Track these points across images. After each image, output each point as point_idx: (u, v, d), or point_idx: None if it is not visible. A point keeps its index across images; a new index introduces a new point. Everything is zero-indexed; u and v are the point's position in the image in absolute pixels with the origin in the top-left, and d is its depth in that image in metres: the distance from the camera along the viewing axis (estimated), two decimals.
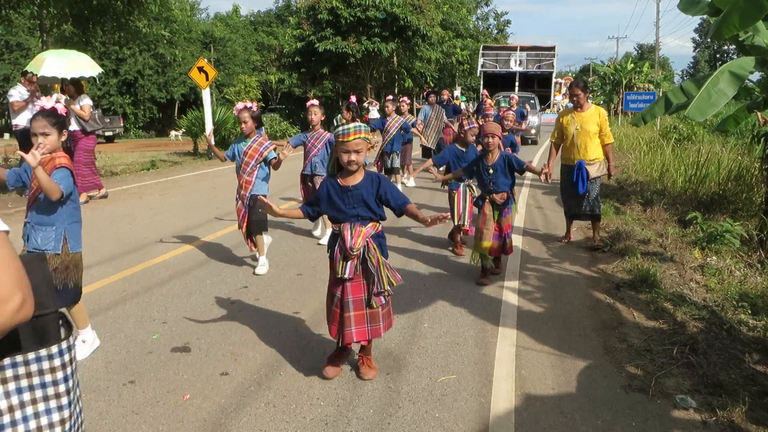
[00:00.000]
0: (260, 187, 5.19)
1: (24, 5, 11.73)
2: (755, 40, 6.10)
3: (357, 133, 3.01)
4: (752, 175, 8.64)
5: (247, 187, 5.14)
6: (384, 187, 3.12)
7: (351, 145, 3.02)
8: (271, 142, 5.21)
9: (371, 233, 3.14)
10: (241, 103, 5.15)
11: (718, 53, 72.12)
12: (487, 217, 5.02)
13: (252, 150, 5.10)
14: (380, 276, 3.11)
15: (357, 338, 3.14)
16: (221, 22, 43.58)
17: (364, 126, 3.04)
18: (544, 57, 24.63)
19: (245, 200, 5.17)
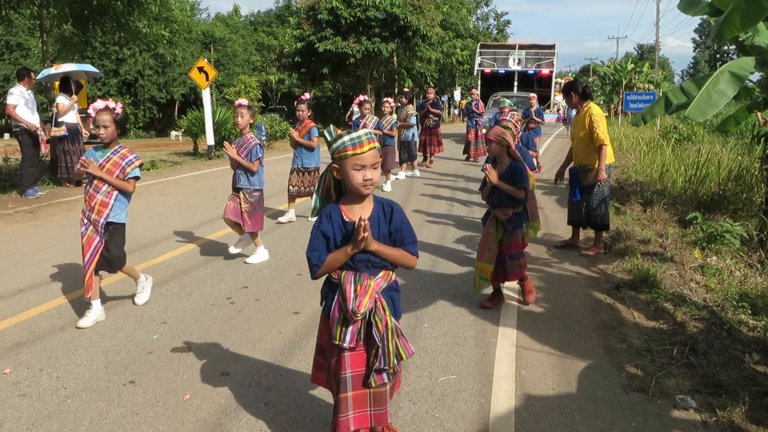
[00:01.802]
0: (118, 212, 4.10)
1: (24, 5, 11.72)
2: (755, 41, 6.10)
3: (371, 142, 2.25)
4: (752, 175, 8.64)
5: (101, 210, 4.01)
6: (398, 220, 2.33)
7: (367, 158, 2.21)
8: (137, 155, 4.15)
9: (382, 287, 2.34)
10: (101, 101, 4.02)
11: (718, 53, 72.16)
12: (489, 236, 4.41)
13: (111, 163, 4.02)
14: (386, 348, 2.32)
15: (355, 426, 2.38)
16: (221, 22, 43.58)
17: (373, 133, 2.33)
18: (544, 56, 24.44)
19: (99, 227, 4.04)
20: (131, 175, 4.09)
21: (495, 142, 4.38)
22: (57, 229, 7.07)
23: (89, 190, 4.05)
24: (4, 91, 31.29)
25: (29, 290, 4.86)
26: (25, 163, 9.32)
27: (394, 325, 2.35)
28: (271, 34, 41.51)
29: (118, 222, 4.13)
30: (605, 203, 5.99)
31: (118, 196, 4.07)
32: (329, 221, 2.29)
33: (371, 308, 2.30)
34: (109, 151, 4.06)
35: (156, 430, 2.84)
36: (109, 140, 4.04)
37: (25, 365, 3.52)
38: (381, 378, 2.36)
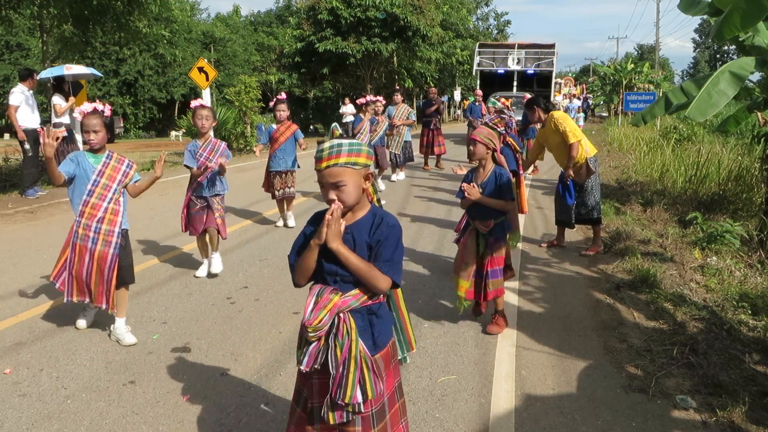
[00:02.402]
0: (125, 217, 3.90)
1: (24, 5, 11.71)
2: (755, 41, 6.10)
3: (332, 158, 1.92)
4: (752, 175, 8.64)
5: (113, 219, 3.74)
6: (382, 233, 1.99)
7: (324, 176, 1.95)
8: (132, 160, 3.97)
9: (350, 305, 1.99)
10: (89, 104, 3.68)
11: (718, 53, 72.18)
12: (467, 250, 3.98)
13: (111, 169, 3.76)
14: (345, 378, 1.95)
15: None
16: (221, 22, 43.58)
17: (350, 144, 1.95)
18: (544, 55, 24.31)
19: (114, 237, 3.73)
20: (136, 178, 3.91)
21: (481, 144, 3.89)
22: (57, 229, 7.07)
23: (90, 200, 3.67)
24: (5, 91, 31.30)
25: (29, 290, 4.86)
26: (25, 163, 9.32)
27: (362, 354, 1.98)
28: (271, 34, 41.49)
29: (126, 228, 3.90)
30: (599, 197, 6.11)
31: (124, 203, 3.86)
32: (315, 223, 2.07)
33: (328, 326, 1.98)
34: (103, 156, 3.76)
35: (156, 430, 2.84)
36: (100, 145, 3.71)
37: (25, 365, 3.52)
38: (340, 415, 1.98)
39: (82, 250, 3.69)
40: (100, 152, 3.77)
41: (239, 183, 10.81)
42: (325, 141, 2.06)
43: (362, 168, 1.97)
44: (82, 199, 3.68)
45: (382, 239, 1.99)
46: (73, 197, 3.74)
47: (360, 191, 1.99)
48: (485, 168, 3.95)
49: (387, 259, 1.98)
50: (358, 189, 1.97)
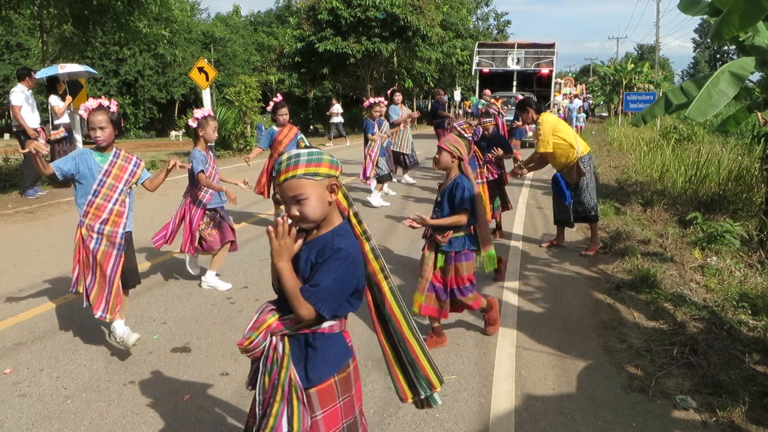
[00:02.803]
0: (131, 219, 3.76)
1: (24, 5, 11.71)
2: (755, 41, 6.10)
3: (289, 170, 1.77)
4: (752, 175, 8.64)
5: (117, 221, 3.59)
6: (323, 256, 1.78)
7: (284, 189, 1.79)
8: (139, 157, 3.79)
9: (286, 330, 1.83)
10: (94, 100, 3.52)
11: (718, 53, 72.18)
12: (425, 261, 3.72)
13: (118, 168, 3.60)
14: (270, 408, 1.82)
15: None
16: (221, 22, 43.56)
17: (309, 154, 1.79)
18: (544, 55, 24.21)
19: (117, 239, 3.59)
20: (144, 177, 3.74)
21: (447, 152, 3.63)
22: (57, 229, 7.07)
23: (95, 200, 3.53)
24: (5, 91, 31.30)
25: (29, 290, 4.86)
26: (25, 163, 9.32)
27: (293, 383, 1.79)
28: (271, 34, 41.49)
29: (130, 231, 3.74)
30: (594, 195, 6.10)
31: (130, 204, 3.70)
32: None
33: (260, 348, 1.85)
34: (110, 154, 3.60)
35: (156, 430, 2.84)
36: (107, 143, 3.54)
37: (25, 365, 3.52)
38: None
39: (86, 253, 3.56)
40: (108, 150, 3.58)
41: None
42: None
43: (324, 179, 1.78)
44: (87, 199, 3.53)
45: (320, 262, 1.77)
46: (77, 197, 3.59)
47: (325, 205, 1.80)
48: (449, 177, 3.71)
49: (313, 284, 1.74)
50: (322, 202, 1.78)
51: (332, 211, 1.86)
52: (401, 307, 1.96)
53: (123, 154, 3.66)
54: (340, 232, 1.85)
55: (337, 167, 1.84)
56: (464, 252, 3.68)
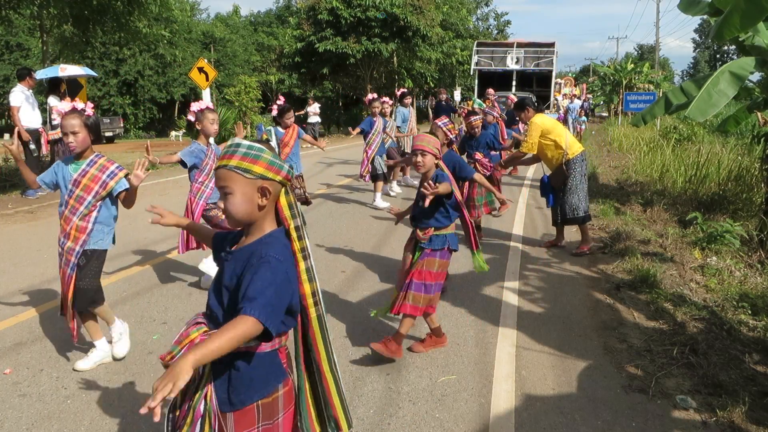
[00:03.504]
0: (100, 236, 3.38)
1: (24, 5, 11.71)
2: (755, 41, 6.10)
3: (226, 157, 1.66)
4: (752, 175, 8.64)
5: (77, 237, 3.30)
6: (249, 267, 1.62)
7: (216, 177, 1.69)
8: (119, 165, 3.38)
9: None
10: (67, 102, 3.24)
11: (718, 53, 72.18)
12: (404, 258, 3.79)
13: (88, 178, 3.26)
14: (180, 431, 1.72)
15: None
16: (221, 22, 43.57)
17: (249, 147, 1.66)
18: (543, 54, 24.13)
19: (73, 257, 3.31)
20: (118, 189, 3.31)
21: (432, 155, 3.52)
22: (57, 229, 7.06)
23: (64, 212, 3.30)
24: (5, 91, 31.28)
25: (29, 290, 4.87)
26: (27, 163, 9.32)
27: (208, 407, 1.65)
28: (271, 35, 41.49)
29: (99, 249, 3.38)
30: (583, 197, 6.04)
31: (98, 218, 3.32)
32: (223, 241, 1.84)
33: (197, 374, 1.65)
34: (84, 162, 3.26)
35: (156, 430, 2.84)
36: (81, 149, 3.23)
37: (25, 365, 3.52)
38: None
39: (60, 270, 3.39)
40: (83, 158, 3.28)
41: None
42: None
43: (256, 178, 1.63)
44: (60, 210, 3.33)
45: (249, 273, 1.59)
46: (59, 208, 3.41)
47: (251, 206, 1.65)
48: (427, 176, 3.58)
49: (251, 296, 1.53)
50: (247, 203, 1.64)
51: (264, 218, 1.70)
52: (325, 340, 1.82)
53: (100, 162, 3.29)
54: (267, 239, 1.69)
55: (277, 171, 1.67)
56: (441, 250, 3.54)
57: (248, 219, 1.69)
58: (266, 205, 1.69)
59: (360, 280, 5.19)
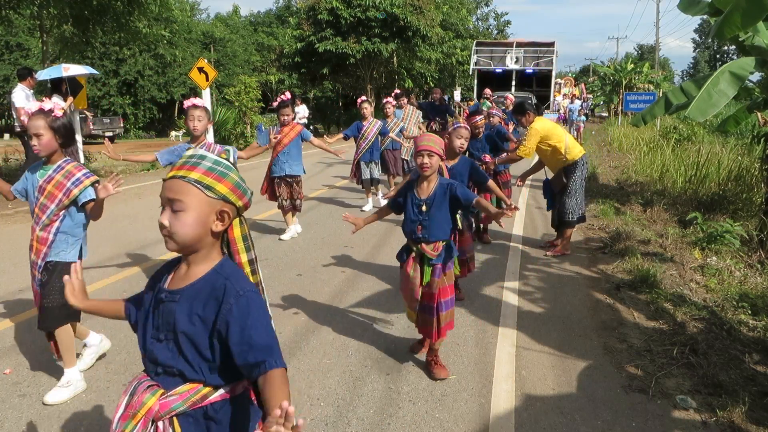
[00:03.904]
0: (62, 248, 3.05)
1: (24, 5, 11.72)
2: (755, 41, 6.10)
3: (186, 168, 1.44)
4: (752, 175, 8.64)
5: (39, 249, 3.03)
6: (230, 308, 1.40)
7: (165, 188, 1.45)
8: (88, 171, 3.04)
9: (173, 408, 1.44)
10: (36, 102, 2.97)
11: (718, 54, 72.18)
12: (410, 279, 3.32)
13: (53, 185, 2.96)
14: None
15: None
16: (221, 22, 43.58)
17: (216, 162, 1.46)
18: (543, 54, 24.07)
19: (36, 271, 3.06)
20: (84, 198, 2.98)
21: (438, 156, 3.22)
22: None
23: (33, 221, 3.06)
24: (4, 91, 31.26)
25: (29, 290, 4.85)
26: (28, 163, 9.33)
27: None
28: (271, 35, 41.50)
29: (63, 261, 3.04)
30: (581, 200, 6.05)
31: (61, 229, 3.02)
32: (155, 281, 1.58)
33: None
34: (51, 168, 2.98)
35: None
36: (47, 153, 2.94)
37: (25, 365, 3.52)
38: None
39: None
40: (51, 162, 3.00)
41: None
42: None
43: (217, 199, 1.43)
44: None
45: (237, 317, 1.38)
46: None
47: (204, 230, 1.43)
48: (429, 181, 3.28)
49: (263, 345, 1.37)
50: (201, 225, 1.41)
51: (213, 247, 1.48)
52: None
53: (67, 168, 2.99)
54: (227, 271, 1.46)
55: (241, 195, 1.48)
56: (447, 264, 3.35)
57: (195, 245, 1.43)
58: (220, 233, 1.47)
59: (360, 280, 5.19)
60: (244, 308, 1.39)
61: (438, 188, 3.25)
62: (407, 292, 3.38)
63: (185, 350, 1.43)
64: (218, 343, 1.41)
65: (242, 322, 1.38)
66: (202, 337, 1.42)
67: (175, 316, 1.44)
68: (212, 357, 1.43)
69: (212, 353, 1.43)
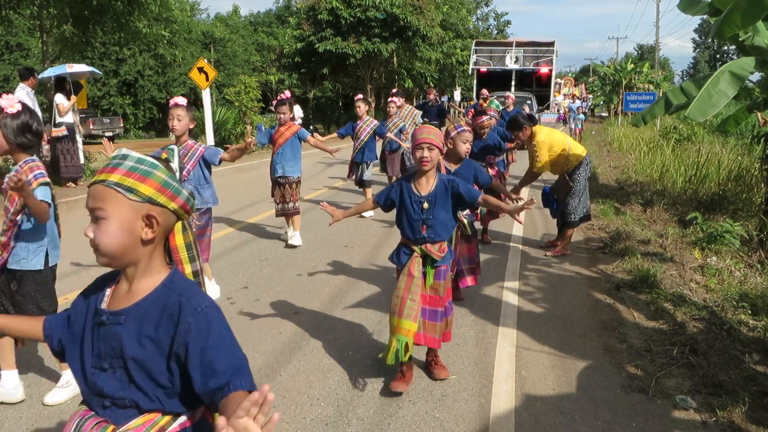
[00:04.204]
0: (23, 255, 2.88)
1: (24, 6, 11.72)
2: (755, 41, 6.10)
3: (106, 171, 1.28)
4: (752, 175, 8.64)
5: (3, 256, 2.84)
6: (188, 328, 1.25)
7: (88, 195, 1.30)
8: (41, 172, 2.84)
9: None
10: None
11: (718, 54, 72.19)
12: (414, 281, 3.06)
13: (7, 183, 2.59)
14: None
15: None
16: (221, 22, 43.59)
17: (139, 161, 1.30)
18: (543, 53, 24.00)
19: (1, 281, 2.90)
20: (37, 196, 2.72)
21: (438, 149, 3.05)
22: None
23: None
24: (4, 91, 31.22)
25: None
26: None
27: None
28: (271, 35, 41.51)
29: (28, 270, 2.88)
30: (584, 200, 6.02)
31: (20, 235, 2.84)
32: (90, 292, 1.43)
33: None
34: (13, 170, 2.79)
35: None
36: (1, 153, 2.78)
37: (25, 365, 3.52)
38: None
39: None
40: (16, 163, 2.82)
41: (239, 183, 10.82)
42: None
43: (143, 202, 1.26)
44: None
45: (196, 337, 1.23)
46: None
47: (131, 239, 1.26)
48: (428, 177, 3.10)
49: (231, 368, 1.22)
50: (126, 234, 1.25)
51: (152, 258, 1.31)
52: None
53: (24, 169, 2.77)
54: (180, 286, 1.31)
55: (172, 196, 1.30)
56: (448, 264, 3.20)
57: (124, 256, 1.27)
58: (153, 240, 1.29)
59: (360, 280, 5.19)
60: (203, 327, 1.24)
61: (439, 184, 3.07)
62: (405, 296, 3.03)
63: (137, 378, 1.26)
64: (177, 367, 1.26)
65: (202, 342, 1.22)
66: (157, 361, 1.25)
67: (122, 340, 1.26)
68: (170, 382, 1.27)
69: (170, 378, 1.26)
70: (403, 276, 3.11)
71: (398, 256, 3.21)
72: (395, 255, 3.24)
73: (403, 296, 3.05)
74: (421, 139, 3.01)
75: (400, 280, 3.11)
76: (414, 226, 3.08)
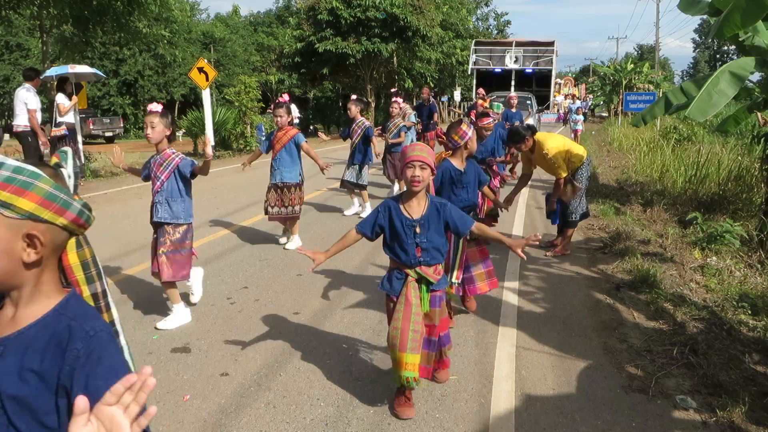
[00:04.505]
0: None
1: (24, 6, 11.72)
2: (755, 41, 6.10)
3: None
4: (752, 175, 8.64)
5: None
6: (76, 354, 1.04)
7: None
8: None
9: None
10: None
11: (718, 54, 72.21)
12: (412, 307, 2.84)
13: None
14: None
15: None
16: (221, 22, 43.60)
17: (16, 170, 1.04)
18: (542, 53, 23.98)
19: None
20: None
21: (430, 169, 2.80)
22: None
23: None
24: (4, 91, 31.27)
25: None
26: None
27: None
28: (271, 35, 41.51)
29: None
30: (584, 201, 6.03)
31: None
32: None
33: None
34: None
35: (156, 430, 2.84)
36: None
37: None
38: None
39: None
40: None
41: (238, 183, 10.82)
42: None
43: (22, 218, 1.04)
44: None
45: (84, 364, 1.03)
46: None
47: (9, 262, 1.05)
48: (419, 199, 2.87)
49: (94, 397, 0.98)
50: (4, 256, 1.04)
51: (41, 281, 1.10)
52: None
53: None
54: (73, 311, 1.11)
55: (58, 210, 1.08)
56: (444, 289, 3.03)
57: (3, 281, 1.06)
58: (39, 261, 1.08)
59: (360, 280, 5.19)
60: (94, 352, 1.04)
61: (431, 207, 2.86)
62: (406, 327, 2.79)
63: (16, 421, 1.04)
64: (66, 405, 1.03)
65: (89, 369, 1.02)
66: (42, 399, 1.04)
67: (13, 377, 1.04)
68: (57, 424, 1.04)
69: (58, 419, 1.04)
70: (399, 305, 2.87)
71: (391, 282, 2.94)
72: (387, 282, 2.97)
73: (403, 327, 2.81)
74: (412, 156, 2.77)
75: (397, 310, 2.87)
76: (408, 249, 2.86)
